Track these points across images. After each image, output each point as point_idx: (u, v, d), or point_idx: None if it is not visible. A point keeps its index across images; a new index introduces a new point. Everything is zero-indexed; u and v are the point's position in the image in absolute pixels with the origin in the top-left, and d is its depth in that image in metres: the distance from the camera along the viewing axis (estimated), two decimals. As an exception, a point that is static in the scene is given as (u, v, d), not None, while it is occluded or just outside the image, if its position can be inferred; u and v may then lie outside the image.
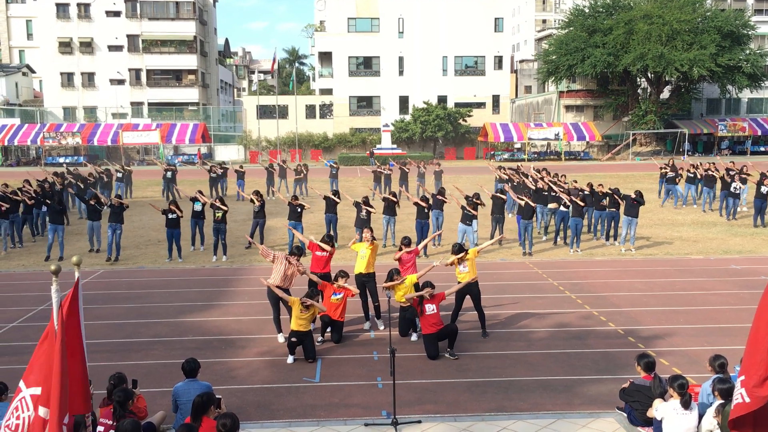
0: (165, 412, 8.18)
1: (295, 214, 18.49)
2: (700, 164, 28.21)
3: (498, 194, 20.09)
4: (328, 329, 11.52)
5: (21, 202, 20.54)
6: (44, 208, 21.08)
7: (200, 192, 19.59)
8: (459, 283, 11.58)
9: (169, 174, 31.28)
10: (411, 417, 8.41)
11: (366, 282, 12.12)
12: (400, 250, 12.61)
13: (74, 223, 24.70)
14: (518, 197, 19.28)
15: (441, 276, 13.45)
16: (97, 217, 18.97)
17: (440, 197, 19.67)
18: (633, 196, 18.72)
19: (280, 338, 11.43)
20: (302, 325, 10.48)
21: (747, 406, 5.35)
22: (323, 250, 12.32)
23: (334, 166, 32.68)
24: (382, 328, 12.14)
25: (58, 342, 4.89)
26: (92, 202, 18.87)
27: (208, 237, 19.48)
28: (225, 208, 18.20)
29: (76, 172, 29.40)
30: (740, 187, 24.60)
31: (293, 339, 10.45)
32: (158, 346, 11.40)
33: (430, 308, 10.59)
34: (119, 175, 31.69)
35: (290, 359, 10.49)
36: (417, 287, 11.54)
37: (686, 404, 7.21)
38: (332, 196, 19.81)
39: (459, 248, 11.66)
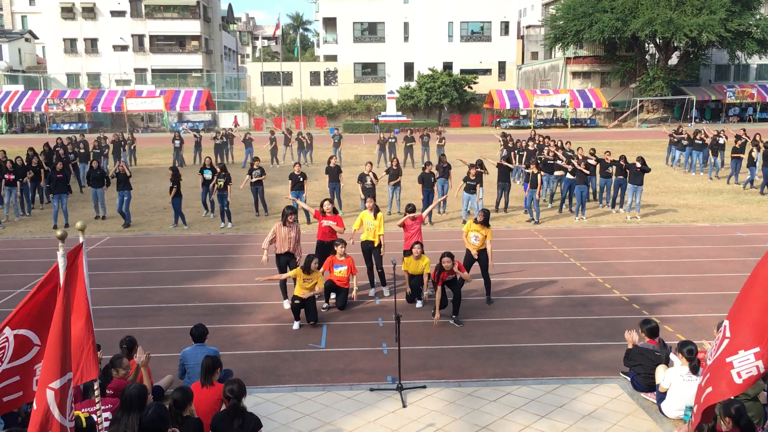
0: (172, 376, 8.27)
1: (297, 183, 18.43)
2: (705, 132, 28.15)
3: (504, 162, 20.03)
4: (333, 295, 11.57)
5: (35, 168, 20.62)
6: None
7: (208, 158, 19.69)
8: (468, 250, 11.62)
9: (177, 142, 31.25)
10: (416, 382, 8.48)
11: (372, 249, 12.13)
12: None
13: (77, 192, 24.75)
14: (525, 167, 19.23)
15: (452, 244, 13.44)
16: (99, 184, 19.02)
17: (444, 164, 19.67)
18: (638, 164, 18.61)
19: (286, 304, 11.49)
20: (305, 292, 10.55)
21: (759, 376, 5.35)
22: (328, 218, 12.26)
23: (336, 134, 32.50)
24: (387, 294, 12.19)
25: (60, 305, 4.91)
26: (94, 166, 19.07)
27: (217, 204, 19.53)
28: (220, 181, 18.17)
29: (82, 139, 29.35)
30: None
31: (296, 302, 10.55)
32: (164, 312, 11.48)
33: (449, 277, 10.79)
34: (123, 144, 31.58)
35: (296, 325, 10.57)
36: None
37: (695, 369, 7.25)
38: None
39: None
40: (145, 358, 7.52)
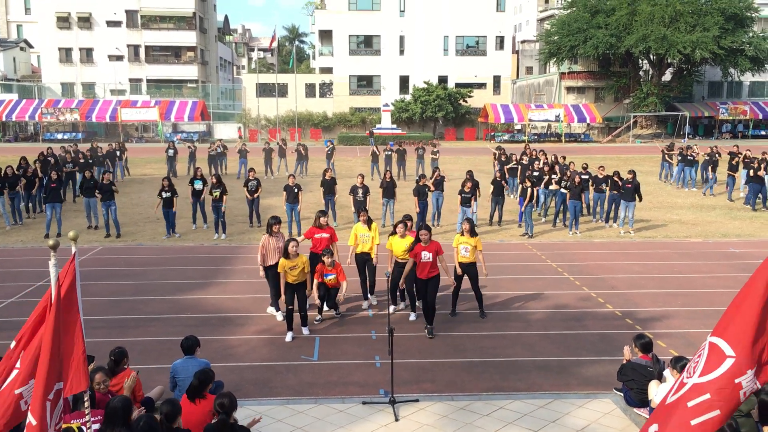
0: (163, 387, 8.20)
1: (292, 195, 18.41)
2: (694, 147, 28.41)
3: (499, 178, 20.14)
4: (326, 308, 11.53)
5: (29, 177, 20.58)
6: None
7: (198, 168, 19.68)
8: (460, 263, 11.53)
9: (170, 152, 31.20)
10: (408, 396, 8.44)
11: (366, 261, 12.10)
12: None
13: (69, 201, 24.65)
14: (520, 181, 19.33)
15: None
16: (91, 193, 18.96)
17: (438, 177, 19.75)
18: (628, 179, 18.68)
19: (279, 317, 11.45)
20: (295, 278, 10.49)
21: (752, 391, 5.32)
22: (322, 231, 12.19)
23: (329, 145, 32.61)
24: (375, 303, 12.17)
25: (51, 315, 4.87)
26: (87, 176, 19.07)
27: (210, 215, 19.48)
28: (215, 192, 18.12)
29: (75, 149, 29.24)
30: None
31: (290, 307, 10.51)
32: (156, 323, 11.41)
33: (425, 255, 10.66)
34: (118, 153, 31.46)
35: (288, 336, 10.52)
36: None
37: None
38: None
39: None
40: (131, 381, 7.36)
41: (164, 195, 18.02)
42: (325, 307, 11.71)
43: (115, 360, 7.59)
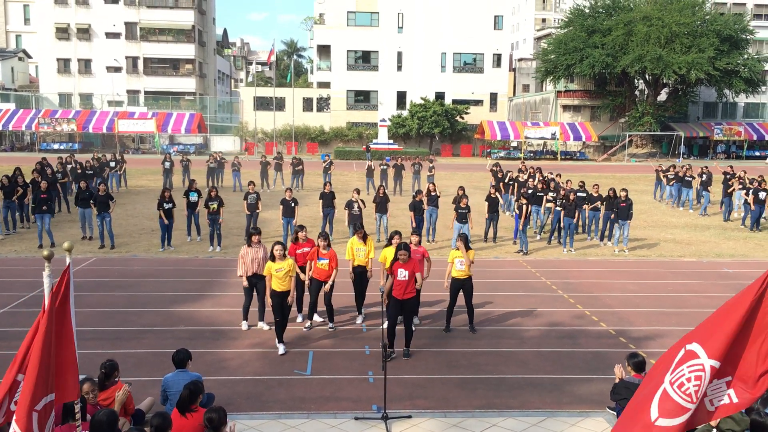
0: (153, 398, 8.15)
1: (289, 209, 18.44)
2: (688, 167, 28.55)
3: (493, 194, 20.18)
4: (316, 316, 11.59)
5: (23, 186, 20.58)
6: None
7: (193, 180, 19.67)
8: (454, 278, 11.53)
9: (167, 164, 31.20)
10: (401, 412, 8.41)
11: (361, 273, 12.11)
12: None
13: (64, 212, 24.57)
14: (516, 198, 19.40)
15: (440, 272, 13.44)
16: (86, 204, 18.91)
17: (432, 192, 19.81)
18: (622, 197, 18.78)
19: (264, 326, 11.62)
20: (281, 283, 10.49)
21: (735, 407, 5.33)
22: (303, 246, 12.18)
23: (327, 160, 32.67)
24: (359, 321, 12.16)
25: (43, 325, 4.85)
26: (83, 186, 19.02)
27: (204, 228, 19.45)
28: (212, 205, 18.11)
29: (72, 160, 29.22)
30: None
31: (277, 319, 10.54)
32: (149, 335, 11.37)
33: (401, 273, 10.27)
34: (112, 164, 31.41)
35: (281, 349, 10.50)
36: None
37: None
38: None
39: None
40: (122, 394, 7.28)
41: (166, 206, 17.94)
42: (317, 318, 11.74)
43: (105, 373, 7.49)
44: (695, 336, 5.33)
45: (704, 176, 26.76)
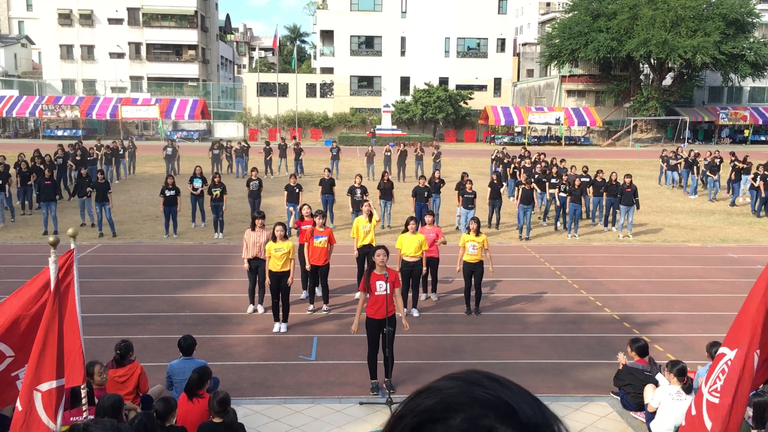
0: (162, 386, 8.21)
1: (293, 195, 18.44)
2: (696, 153, 28.38)
3: (496, 180, 20.14)
4: (318, 293, 11.67)
5: (24, 173, 20.58)
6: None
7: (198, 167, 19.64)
8: (466, 261, 11.66)
9: (169, 150, 31.15)
10: (406, 396, 8.44)
11: (368, 254, 12.11)
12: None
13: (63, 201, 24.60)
14: (519, 183, 19.35)
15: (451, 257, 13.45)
16: (83, 193, 18.86)
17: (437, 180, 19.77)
18: (626, 182, 18.72)
19: (260, 309, 11.81)
20: (279, 263, 10.62)
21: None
22: (308, 222, 12.29)
23: (335, 146, 32.59)
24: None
25: (48, 309, 4.88)
26: (82, 173, 19.03)
27: (208, 214, 19.48)
28: (215, 191, 18.10)
29: (79, 146, 29.19)
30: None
31: (274, 300, 10.71)
32: (155, 321, 11.42)
33: (379, 286, 8.38)
34: (128, 149, 31.37)
35: (277, 327, 10.75)
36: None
37: (688, 389, 7.24)
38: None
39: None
40: (99, 379, 7.17)
41: (167, 193, 17.91)
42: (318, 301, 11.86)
43: (120, 353, 7.64)
44: (724, 342, 5.41)
45: (717, 160, 26.54)
